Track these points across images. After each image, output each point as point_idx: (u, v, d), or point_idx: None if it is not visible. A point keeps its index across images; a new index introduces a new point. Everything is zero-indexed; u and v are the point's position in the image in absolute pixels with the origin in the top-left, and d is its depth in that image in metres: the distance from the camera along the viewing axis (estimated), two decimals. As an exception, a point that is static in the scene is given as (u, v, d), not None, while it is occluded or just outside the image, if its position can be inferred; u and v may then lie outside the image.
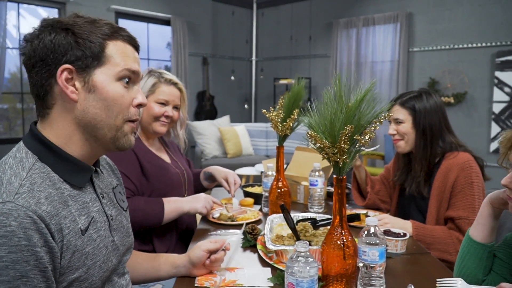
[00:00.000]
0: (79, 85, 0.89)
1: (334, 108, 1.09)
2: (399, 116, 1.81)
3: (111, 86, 0.91)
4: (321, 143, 1.07)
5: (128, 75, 0.95)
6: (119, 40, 0.93)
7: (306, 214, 1.67)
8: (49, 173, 0.87)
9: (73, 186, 0.91)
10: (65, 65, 0.87)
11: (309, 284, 0.90)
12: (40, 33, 0.88)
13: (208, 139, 5.76)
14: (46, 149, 0.89)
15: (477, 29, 5.32)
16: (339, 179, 1.11)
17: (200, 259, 1.25)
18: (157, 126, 1.77)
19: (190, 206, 1.71)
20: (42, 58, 0.87)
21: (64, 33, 0.87)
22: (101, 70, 0.90)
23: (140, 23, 6.22)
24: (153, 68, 1.82)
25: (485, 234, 1.15)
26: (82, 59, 0.88)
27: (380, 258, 1.08)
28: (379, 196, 2.04)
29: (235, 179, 1.95)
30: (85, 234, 0.89)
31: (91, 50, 0.88)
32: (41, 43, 0.87)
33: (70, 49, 0.87)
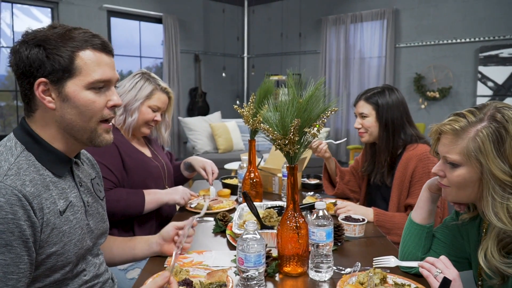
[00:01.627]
0: (54, 95, 1.01)
1: (286, 103, 1.21)
2: (363, 111, 1.94)
3: (82, 95, 1.03)
4: (273, 135, 1.19)
5: (99, 85, 1.05)
6: (88, 50, 1.03)
7: (276, 202, 1.80)
8: (34, 161, 1.01)
9: (54, 174, 1.04)
10: (41, 79, 0.99)
11: (256, 258, 1.03)
12: (19, 48, 1.00)
13: (200, 135, 5.88)
14: (33, 141, 1.03)
15: (461, 25, 5.45)
16: (291, 167, 1.24)
17: (169, 233, 1.37)
18: (145, 129, 1.93)
19: (169, 197, 1.84)
20: (22, 71, 1.00)
21: (37, 49, 0.98)
22: (73, 81, 1.02)
23: (132, 22, 6.33)
24: (146, 71, 1.95)
25: (423, 216, 1.27)
26: (53, 73, 0.99)
27: (327, 238, 1.20)
28: (349, 186, 2.17)
29: (213, 169, 2.08)
30: (63, 215, 1.03)
31: (60, 64, 0.99)
32: (20, 58, 0.99)
33: (43, 64, 0.98)
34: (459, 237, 1.25)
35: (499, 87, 5.13)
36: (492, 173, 0.98)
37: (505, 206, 0.98)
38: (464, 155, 1.02)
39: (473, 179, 1.03)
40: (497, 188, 0.98)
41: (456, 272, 1.02)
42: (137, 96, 1.85)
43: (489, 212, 1.00)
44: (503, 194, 0.98)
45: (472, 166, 1.02)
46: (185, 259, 1.38)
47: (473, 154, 1.00)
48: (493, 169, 0.98)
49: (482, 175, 1.01)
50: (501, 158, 0.98)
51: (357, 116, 1.99)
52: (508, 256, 0.99)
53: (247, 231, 1.05)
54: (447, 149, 1.06)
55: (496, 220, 0.98)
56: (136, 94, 1.85)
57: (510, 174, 0.97)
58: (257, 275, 1.04)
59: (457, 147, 1.03)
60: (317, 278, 1.22)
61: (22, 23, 5.23)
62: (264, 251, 1.05)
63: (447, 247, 1.27)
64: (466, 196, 1.07)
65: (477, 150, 1.00)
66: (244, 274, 1.04)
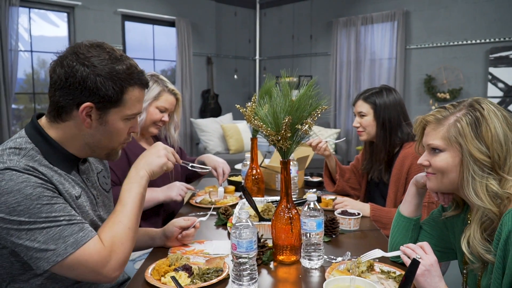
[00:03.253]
0: (94, 117, 1.11)
1: (279, 102, 1.30)
2: (362, 110, 2.01)
3: (118, 123, 1.15)
4: (267, 132, 1.28)
5: (133, 117, 1.18)
6: (136, 87, 1.14)
7: (277, 197, 1.88)
8: (42, 160, 1.09)
9: (63, 170, 1.13)
10: (89, 103, 1.07)
11: (248, 244, 1.11)
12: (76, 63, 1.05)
13: (211, 136, 6.00)
14: (44, 140, 1.12)
15: (471, 26, 5.45)
16: (284, 162, 1.32)
17: (172, 233, 1.47)
18: (153, 129, 2.03)
19: (165, 195, 1.92)
20: (71, 87, 1.06)
21: (96, 76, 1.05)
22: (115, 110, 1.12)
23: (146, 25, 6.48)
24: (154, 73, 2.05)
25: (410, 209, 1.34)
26: (104, 102, 1.09)
27: (317, 228, 1.28)
28: (349, 184, 2.24)
29: (224, 169, 2.17)
30: (78, 200, 1.13)
31: (112, 96, 1.08)
32: (73, 76, 1.05)
33: (98, 91, 1.06)
34: (444, 229, 1.32)
35: (509, 88, 5.12)
36: (471, 154, 1.06)
37: (484, 185, 1.05)
38: (446, 140, 1.11)
39: (455, 162, 1.10)
40: (476, 168, 1.05)
41: (435, 258, 1.08)
42: (145, 97, 1.95)
43: (470, 192, 1.06)
44: (482, 174, 1.05)
45: (453, 150, 1.10)
46: (187, 247, 1.48)
47: (453, 137, 1.09)
48: (472, 150, 1.06)
49: (462, 157, 1.08)
50: (478, 140, 1.06)
51: (356, 115, 2.06)
52: (489, 241, 1.05)
53: (240, 219, 1.13)
54: (431, 137, 1.15)
55: (476, 199, 1.05)
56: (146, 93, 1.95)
57: (487, 155, 1.05)
58: (248, 260, 1.12)
59: (439, 133, 1.12)
60: (308, 265, 1.30)
61: (39, 28, 5.43)
62: (255, 238, 1.13)
63: (433, 238, 1.34)
64: (449, 182, 1.13)
65: (457, 134, 1.08)
66: (237, 259, 1.13)
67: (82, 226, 1.05)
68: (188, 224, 1.49)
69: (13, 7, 4.83)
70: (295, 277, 1.26)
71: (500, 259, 0.99)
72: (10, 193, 0.97)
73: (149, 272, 1.22)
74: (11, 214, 0.97)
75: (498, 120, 1.07)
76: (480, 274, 1.12)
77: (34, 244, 0.99)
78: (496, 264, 1.00)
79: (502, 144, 1.05)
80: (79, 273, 1.04)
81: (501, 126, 1.06)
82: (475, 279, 1.16)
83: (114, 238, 1.09)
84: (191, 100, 6.79)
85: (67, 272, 1.03)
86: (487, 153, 1.05)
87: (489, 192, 1.04)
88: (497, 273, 1.00)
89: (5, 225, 0.98)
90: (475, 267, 1.10)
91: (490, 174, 1.05)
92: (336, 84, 6.78)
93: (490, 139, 1.05)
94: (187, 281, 1.17)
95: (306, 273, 1.28)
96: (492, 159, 1.05)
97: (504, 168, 1.05)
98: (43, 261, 0.99)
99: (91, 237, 1.05)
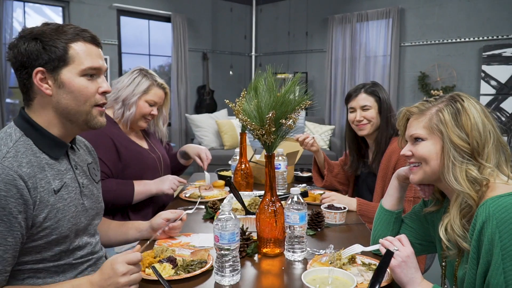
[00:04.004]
0: (51, 82, 1.14)
1: (264, 97, 1.32)
2: (366, 103, 2.01)
3: (76, 81, 1.16)
4: (251, 126, 1.30)
5: (91, 72, 1.19)
6: (80, 41, 1.16)
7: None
8: (32, 145, 1.13)
9: (51, 157, 1.16)
10: (38, 68, 1.12)
11: (230, 236, 1.13)
12: (17, 43, 1.13)
13: (206, 131, 6.01)
14: (31, 127, 1.16)
15: (465, 24, 5.48)
16: (269, 156, 1.34)
17: (159, 225, 1.49)
18: (142, 123, 2.06)
19: (157, 188, 1.95)
20: (20, 63, 1.13)
21: (34, 42, 1.11)
22: (67, 69, 1.15)
23: (141, 20, 6.48)
24: (143, 68, 2.07)
25: (392, 203, 1.37)
26: (50, 62, 1.12)
27: (300, 220, 1.31)
28: (338, 179, 2.27)
29: (207, 154, 2.21)
30: (57, 194, 1.15)
31: (56, 54, 1.12)
32: (18, 51, 1.12)
33: (40, 55, 1.11)
34: (425, 223, 1.35)
35: (502, 86, 5.15)
36: (451, 140, 1.10)
37: (464, 170, 1.08)
38: (428, 128, 1.16)
39: (437, 150, 1.14)
40: (456, 155, 1.10)
41: (411, 250, 1.11)
42: (134, 91, 1.97)
43: (450, 177, 1.10)
44: (462, 160, 1.09)
45: (435, 138, 1.14)
46: (173, 240, 1.50)
47: (435, 126, 1.14)
48: (452, 137, 1.10)
49: (443, 144, 1.12)
50: (458, 128, 1.11)
51: (355, 110, 2.04)
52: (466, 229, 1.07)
53: (223, 212, 1.16)
54: (414, 127, 1.20)
55: (455, 183, 1.08)
56: (133, 89, 1.97)
57: (466, 141, 1.10)
58: (231, 251, 1.14)
59: (421, 123, 1.17)
60: (291, 258, 1.33)
61: (34, 22, 5.41)
62: (238, 230, 1.15)
63: (413, 231, 1.37)
64: (431, 171, 1.16)
65: (439, 122, 1.13)
66: (220, 251, 1.15)
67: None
68: (175, 216, 1.51)
69: (7, 1, 4.82)
70: (278, 269, 1.28)
71: (475, 249, 1.02)
72: None
73: (134, 263, 1.24)
74: None
75: (477, 111, 1.12)
76: (457, 264, 1.15)
77: None
78: (471, 254, 1.03)
79: (480, 132, 1.10)
80: None
81: (479, 116, 1.11)
82: (452, 270, 1.19)
83: None
84: (186, 96, 6.80)
85: None
86: (467, 140, 1.10)
87: (468, 177, 1.08)
88: (472, 263, 1.03)
89: None
90: (451, 254, 1.13)
91: (470, 161, 1.09)
92: (331, 81, 6.80)
93: (470, 127, 1.10)
94: (171, 272, 1.20)
95: (289, 265, 1.30)
96: (471, 145, 1.09)
97: (482, 156, 1.10)
98: None
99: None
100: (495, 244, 0.96)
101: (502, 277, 0.95)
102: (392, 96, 6.02)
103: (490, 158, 1.09)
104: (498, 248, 0.96)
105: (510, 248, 0.95)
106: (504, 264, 0.95)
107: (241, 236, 1.34)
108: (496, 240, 0.96)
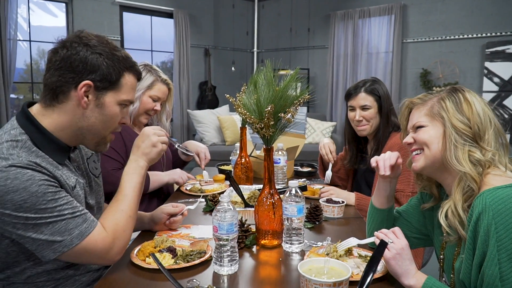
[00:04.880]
0: (91, 98, 1.15)
1: (263, 91, 1.34)
2: (366, 103, 2.00)
3: (113, 107, 1.19)
4: (251, 120, 1.32)
5: (127, 104, 1.23)
6: (132, 74, 1.21)
7: (264, 186, 1.92)
8: (38, 151, 1.11)
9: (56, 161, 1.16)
10: (88, 81, 1.12)
11: (228, 227, 1.15)
12: (78, 45, 1.11)
13: (208, 127, 6.03)
14: (36, 130, 1.13)
15: (468, 21, 5.47)
16: (268, 149, 1.36)
17: (160, 219, 1.51)
18: (143, 118, 2.10)
19: (169, 177, 2.06)
20: (72, 66, 1.10)
21: (97, 55, 1.12)
22: (112, 93, 1.17)
23: (143, 16, 6.50)
24: (148, 63, 2.11)
25: (381, 201, 1.39)
26: (103, 81, 1.14)
27: (298, 213, 1.33)
28: (338, 174, 2.29)
29: (206, 155, 2.24)
30: (74, 190, 1.17)
31: (111, 77, 1.14)
32: (77, 54, 1.10)
33: (98, 69, 1.12)
34: (421, 217, 1.36)
35: (505, 82, 5.15)
36: (452, 124, 1.13)
37: (466, 152, 1.10)
38: (429, 115, 1.18)
39: (438, 134, 1.16)
40: (458, 138, 1.12)
41: (406, 242, 1.13)
42: (139, 86, 1.99)
43: (452, 159, 1.11)
44: (464, 142, 1.11)
45: (436, 124, 1.17)
46: (174, 231, 1.52)
47: (436, 112, 1.17)
48: (453, 121, 1.13)
49: (445, 128, 1.14)
50: (459, 112, 1.14)
51: (355, 109, 2.04)
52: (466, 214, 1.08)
53: (222, 203, 1.18)
54: (415, 117, 1.22)
55: (458, 165, 1.10)
56: (138, 84, 1.99)
57: (468, 125, 1.12)
58: (229, 242, 1.17)
59: (422, 111, 1.20)
60: (289, 249, 1.35)
61: (38, 18, 5.44)
62: (236, 221, 1.18)
63: (409, 225, 1.38)
64: (433, 156, 1.16)
65: (440, 108, 1.16)
66: (219, 241, 1.17)
67: (85, 217, 1.11)
68: (176, 211, 1.53)
69: (11, -3, 4.85)
70: (276, 260, 1.31)
71: (471, 240, 1.04)
72: (16, 191, 1.00)
73: (135, 253, 1.27)
74: (17, 211, 1.01)
75: (477, 100, 1.15)
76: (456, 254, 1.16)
77: (41, 236, 1.04)
78: (467, 245, 1.05)
79: (481, 117, 1.12)
80: (85, 259, 1.13)
81: (479, 104, 1.14)
82: (450, 263, 1.21)
83: (117, 226, 1.17)
84: (188, 92, 6.82)
85: (73, 259, 1.11)
86: (468, 124, 1.12)
87: (471, 159, 1.09)
88: (468, 254, 1.05)
89: (11, 220, 1.02)
90: (451, 240, 1.13)
91: (472, 144, 1.11)
92: (333, 77, 6.81)
93: (471, 113, 1.13)
94: (171, 261, 1.22)
95: (287, 257, 1.33)
96: (472, 129, 1.11)
97: (483, 140, 1.12)
98: (50, 251, 1.05)
99: (94, 226, 1.11)
100: (491, 235, 0.98)
101: (497, 268, 0.97)
102: (394, 93, 6.02)
103: (491, 144, 1.11)
104: (493, 239, 0.97)
105: (505, 239, 0.96)
106: (499, 255, 0.97)
107: (240, 228, 1.37)
108: (492, 231, 0.97)
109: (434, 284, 1.07)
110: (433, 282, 1.08)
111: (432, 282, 1.08)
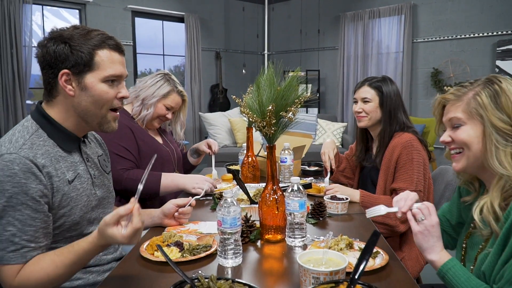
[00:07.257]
0: (75, 85, 1.23)
1: (265, 90, 1.39)
2: (367, 96, 2.07)
3: (98, 86, 1.25)
4: (253, 118, 1.37)
5: (112, 78, 1.27)
6: (105, 49, 1.25)
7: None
8: (47, 138, 1.23)
9: (64, 150, 1.26)
10: (64, 70, 1.20)
11: (232, 221, 1.21)
12: (47, 43, 1.21)
13: (219, 129, 6.11)
14: (47, 122, 1.25)
15: (478, 20, 5.44)
16: (270, 147, 1.41)
17: (169, 210, 1.57)
18: (155, 123, 2.18)
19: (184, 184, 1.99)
20: (48, 63, 1.21)
21: (62, 45, 1.20)
22: (91, 74, 1.23)
23: (155, 21, 6.61)
24: (167, 72, 2.20)
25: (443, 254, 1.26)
26: (76, 66, 1.21)
27: (300, 208, 1.37)
28: (344, 173, 2.33)
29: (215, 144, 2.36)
30: (71, 184, 1.24)
31: (82, 59, 1.21)
32: (47, 52, 1.20)
33: (67, 58, 1.20)
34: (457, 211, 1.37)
35: (516, 81, 5.11)
36: (492, 124, 1.08)
37: (508, 153, 1.07)
38: (466, 113, 1.13)
39: (477, 133, 1.12)
40: (499, 138, 1.08)
41: (437, 220, 1.15)
42: (154, 93, 2.08)
43: (494, 162, 1.08)
44: (505, 143, 1.07)
45: (474, 122, 1.12)
46: (182, 227, 1.58)
47: (474, 110, 1.11)
48: (493, 120, 1.08)
49: (484, 128, 1.10)
50: (498, 109, 1.08)
51: (358, 101, 2.11)
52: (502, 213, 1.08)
53: (225, 198, 1.23)
54: (452, 112, 1.17)
55: (500, 167, 1.07)
56: (154, 91, 2.08)
57: (508, 123, 1.08)
58: (232, 235, 1.22)
59: (459, 107, 1.15)
60: (292, 243, 1.40)
61: (52, 24, 5.59)
62: (239, 215, 1.23)
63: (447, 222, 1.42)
64: (474, 156, 1.13)
65: (477, 106, 1.11)
66: (223, 235, 1.23)
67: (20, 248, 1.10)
68: (185, 202, 1.59)
69: (26, 4, 4.99)
70: (279, 253, 1.35)
71: (504, 236, 1.03)
72: None
73: (144, 247, 1.33)
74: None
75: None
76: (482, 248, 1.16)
77: None
78: (498, 241, 1.04)
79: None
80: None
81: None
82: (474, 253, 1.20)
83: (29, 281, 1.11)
84: (200, 95, 6.91)
85: None
86: (509, 122, 1.07)
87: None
88: (497, 249, 1.04)
89: None
90: (483, 234, 1.13)
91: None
92: (343, 78, 6.83)
93: (511, 108, 1.07)
94: (178, 255, 1.28)
95: (290, 250, 1.37)
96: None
97: None
98: None
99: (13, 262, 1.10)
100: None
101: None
102: (405, 92, 6.01)
103: None
104: None
105: None
106: None
107: (245, 223, 1.42)
108: None
109: (456, 265, 1.09)
110: (455, 263, 1.09)
111: (454, 263, 1.09)
